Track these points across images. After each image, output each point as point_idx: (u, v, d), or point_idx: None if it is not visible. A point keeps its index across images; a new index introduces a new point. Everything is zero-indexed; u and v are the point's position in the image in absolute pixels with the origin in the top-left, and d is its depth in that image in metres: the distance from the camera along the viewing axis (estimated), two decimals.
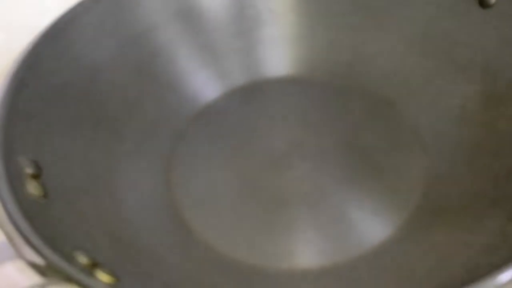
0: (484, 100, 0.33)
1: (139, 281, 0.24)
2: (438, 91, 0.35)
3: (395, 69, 0.37)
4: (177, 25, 0.38)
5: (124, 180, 0.33)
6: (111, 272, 0.23)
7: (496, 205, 0.27)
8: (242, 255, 0.31)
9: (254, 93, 0.39)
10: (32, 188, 0.27)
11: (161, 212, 0.33)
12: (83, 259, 0.24)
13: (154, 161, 0.35)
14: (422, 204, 0.31)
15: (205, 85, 0.39)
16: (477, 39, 0.34)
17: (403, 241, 0.30)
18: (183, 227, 0.33)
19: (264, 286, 0.30)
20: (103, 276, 0.23)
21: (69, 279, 0.21)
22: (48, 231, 0.24)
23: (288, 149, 0.36)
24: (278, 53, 0.40)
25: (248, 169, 0.36)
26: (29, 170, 0.27)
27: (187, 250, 0.32)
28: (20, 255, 0.22)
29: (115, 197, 0.31)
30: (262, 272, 0.31)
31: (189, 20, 0.38)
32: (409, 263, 0.28)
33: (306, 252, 0.32)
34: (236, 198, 0.34)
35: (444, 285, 0.19)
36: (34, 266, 0.21)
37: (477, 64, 0.34)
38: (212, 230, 0.32)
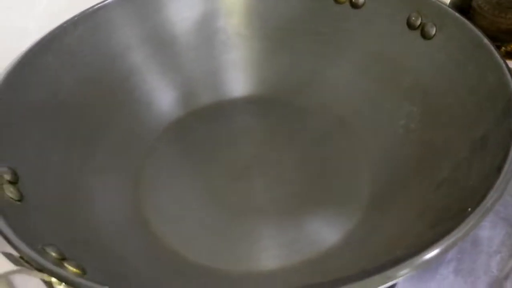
0: (424, 121, 0.36)
1: (106, 275, 0.27)
2: (386, 112, 0.39)
3: (349, 92, 0.41)
4: (149, 47, 0.41)
5: (95, 190, 0.35)
6: (78, 266, 0.26)
7: (422, 216, 0.31)
8: (206, 259, 0.34)
9: (219, 111, 0.43)
10: (9, 192, 0.29)
11: (130, 220, 0.36)
12: (53, 254, 0.26)
13: (124, 173, 0.38)
14: (365, 216, 0.35)
15: (174, 103, 0.42)
16: (420, 66, 0.37)
17: (346, 248, 0.33)
18: (150, 234, 0.35)
19: (222, 286, 0.33)
20: (71, 269, 0.26)
21: (39, 268, 0.24)
22: (22, 228, 0.26)
23: (250, 163, 0.39)
24: (244, 75, 0.44)
25: (212, 182, 0.38)
26: (7, 177, 0.30)
27: (154, 255, 0.34)
28: None
29: (85, 205, 0.34)
30: (224, 275, 0.33)
31: (161, 43, 0.42)
32: (348, 265, 0.31)
33: (263, 256, 0.34)
34: (201, 208, 0.37)
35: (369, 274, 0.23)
36: (9, 256, 0.24)
37: (419, 88, 0.37)
38: (178, 237, 0.35)
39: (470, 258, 0.36)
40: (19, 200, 0.29)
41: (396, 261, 0.24)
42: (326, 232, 0.35)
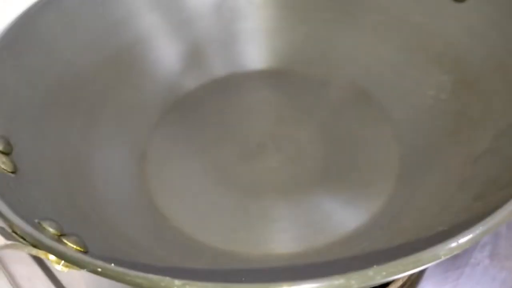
0: (456, 90, 0.33)
1: (109, 253, 0.24)
2: (412, 82, 0.36)
3: (370, 62, 0.38)
4: (156, 14, 0.38)
5: (97, 163, 0.32)
6: (79, 243, 0.23)
7: (462, 189, 0.28)
8: (215, 241, 0.31)
9: (231, 85, 0.39)
10: (2, 163, 0.26)
11: (134, 197, 0.33)
12: (50, 229, 0.23)
13: (128, 147, 0.35)
14: (395, 193, 0.32)
15: (182, 75, 0.39)
16: (449, 31, 0.34)
17: (375, 228, 0.30)
18: (156, 213, 0.32)
19: (238, 271, 0.30)
20: (71, 245, 0.22)
21: (35, 244, 0.21)
22: (16, 201, 0.23)
23: (264, 139, 0.36)
24: (256, 46, 0.40)
25: (224, 159, 0.36)
26: None
27: (160, 235, 0.31)
28: None
29: (87, 178, 0.31)
30: (236, 258, 0.30)
31: (168, 9, 0.38)
32: (378, 246, 0.28)
33: (280, 239, 0.31)
34: (211, 186, 0.34)
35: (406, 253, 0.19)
36: (1, 230, 0.21)
37: (449, 55, 0.34)
38: (186, 217, 0.32)
39: (506, 243, 0.33)
40: (13, 172, 0.26)
41: (437, 239, 0.21)
42: (351, 212, 0.32)
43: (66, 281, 0.34)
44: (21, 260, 0.34)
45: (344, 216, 0.32)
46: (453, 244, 0.19)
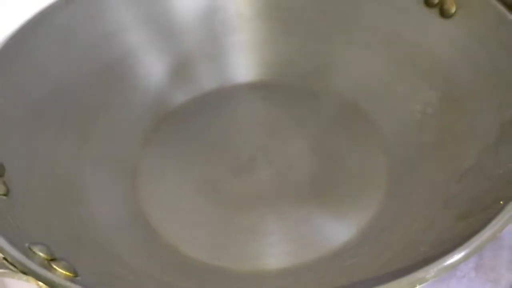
0: (443, 106, 0.33)
1: (100, 278, 0.24)
2: (401, 96, 0.36)
3: (360, 75, 0.38)
4: (145, 27, 0.38)
5: (89, 182, 0.33)
6: (69, 268, 0.23)
7: (446, 207, 0.28)
8: (207, 256, 0.31)
9: (222, 98, 0.40)
10: None
11: (126, 214, 0.33)
12: (40, 254, 0.23)
13: (120, 163, 0.35)
14: (382, 207, 0.32)
15: (173, 89, 0.39)
16: (437, 47, 0.35)
17: (363, 242, 0.31)
18: (148, 229, 0.33)
19: (228, 287, 0.30)
20: (61, 271, 0.23)
21: (24, 271, 0.21)
22: (7, 225, 0.24)
23: (255, 153, 0.37)
24: (247, 59, 0.41)
25: (215, 173, 0.36)
26: None
27: (152, 252, 0.31)
28: None
29: (79, 198, 0.31)
30: (227, 273, 0.31)
31: (158, 22, 0.39)
32: (366, 261, 0.28)
33: (270, 254, 0.32)
34: (202, 201, 0.34)
35: (396, 276, 0.20)
36: None
37: (438, 71, 0.34)
38: (177, 233, 0.32)
39: (491, 254, 0.34)
40: (4, 195, 0.26)
41: (424, 261, 0.21)
42: (340, 226, 0.32)
43: None
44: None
45: (333, 230, 0.32)
46: (438, 267, 0.20)
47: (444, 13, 0.34)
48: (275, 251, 0.32)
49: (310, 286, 0.29)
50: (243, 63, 0.41)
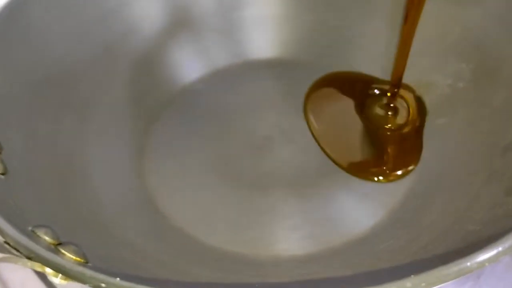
0: (475, 78, 0.31)
1: (112, 265, 0.22)
2: (427, 70, 0.34)
3: (381, 51, 0.36)
4: (154, 1, 0.35)
5: (93, 161, 0.30)
6: (79, 253, 0.21)
7: (491, 181, 0.26)
8: (222, 242, 0.29)
9: (234, 76, 0.37)
10: None
11: (134, 196, 0.31)
12: (46, 238, 0.21)
13: (126, 143, 0.33)
14: (414, 186, 0.30)
15: (183, 65, 0.37)
16: (469, 15, 0.32)
17: (395, 225, 0.28)
18: (157, 212, 0.31)
19: (246, 274, 0.28)
20: (70, 256, 0.20)
21: (30, 256, 0.18)
22: (7, 207, 0.21)
23: (270, 132, 0.34)
24: (260, 35, 0.38)
25: (228, 153, 0.34)
26: None
27: (163, 238, 0.29)
28: None
29: (83, 178, 0.29)
30: (243, 260, 0.29)
31: None
32: (400, 245, 0.26)
33: (291, 238, 0.30)
34: (215, 182, 0.32)
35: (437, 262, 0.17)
36: None
37: (467, 42, 0.32)
38: (188, 216, 0.30)
39: None
40: (2, 174, 0.24)
41: (474, 243, 0.19)
42: (366, 209, 0.30)
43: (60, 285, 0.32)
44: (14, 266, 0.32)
45: (360, 212, 0.30)
46: (494, 252, 0.17)
47: None
48: (297, 236, 0.30)
49: (336, 273, 0.27)
50: (257, 39, 0.38)
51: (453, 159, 0.29)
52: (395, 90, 0.34)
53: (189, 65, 0.37)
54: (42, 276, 0.32)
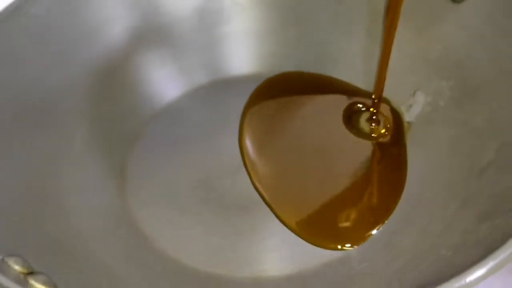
0: (456, 97, 0.31)
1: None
2: (409, 87, 0.33)
3: (365, 66, 0.36)
4: (132, 20, 0.35)
5: (71, 184, 0.30)
6: (49, 283, 0.21)
7: (466, 205, 0.26)
8: (201, 263, 0.29)
9: (216, 92, 0.37)
10: None
11: (113, 218, 0.31)
12: (16, 267, 0.21)
13: (106, 164, 0.33)
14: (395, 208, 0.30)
15: (165, 83, 0.37)
16: (448, 34, 0.32)
17: (378, 242, 0.28)
18: (138, 235, 0.30)
19: None
20: (39, 286, 0.20)
21: None
22: None
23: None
24: (242, 50, 0.38)
25: (209, 173, 0.33)
26: None
27: (143, 261, 0.29)
28: None
29: (59, 202, 0.28)
30: (224, 280, 0.28)
31: (146, 13, 0.36)
32: (377, 268, 0.26)
33: (270, 260, 0.30)
34: (195, 204, 0.32)
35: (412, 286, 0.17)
36: None
37: (448, 60, 0.32)
38: (168, 238, 0.30)
39: None
40: None
41: (444, 267, 0.19)
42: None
43: None
44: None
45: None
46: (460, 283, 0.17)
47: None
48: (276, 256, 0.30)
49: None
50: (239, 55, 0.38)
51: (432, 182, 0.29)
52: (377, 102, 0.34)
53: (171, 83, 0.37)
54: None
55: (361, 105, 0.35)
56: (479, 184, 0.26)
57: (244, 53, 0.38)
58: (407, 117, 0.34)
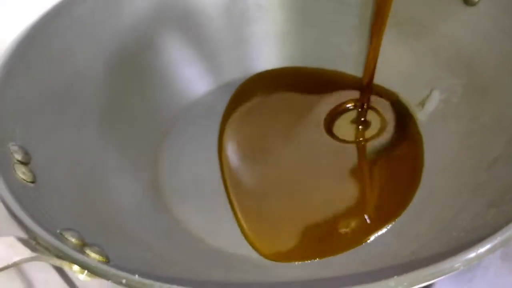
0: (468, 94, 0.33)
1: (130, 263, 0.24)
2: (423, 85, 0.36)
3: (381, 65, 0.38)
4: (164, 20, 0.38)
5: (112, 172, 0.33)
6: (101, 253, 0.23)
7: (477, 194, 0.28)
8: (231, 245, 0.31)
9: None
10: (22, 173, 0.26)
11: (149, 203, 0.33)
12: (72, 240, 0.23)
13: (141, 154, 0.35)
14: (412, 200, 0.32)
15: (194, 79, 0.39)
16: (461, 35, 0.34)
17: (388, 234, 0.30)
18: (171, 218, 0.33)
19: (253, 274, 0.30)
20: (94, 256, 0.23)
21: (60, 255, 0.21)
22: (37, 212, 0.23)
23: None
24: (266, 49, 0.41)
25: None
26: (18, 156, 0.27)
27: (175, 241, 0.31)
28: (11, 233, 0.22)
29: (103, 187, 0.31)
30: (249, 261, 0.31)
31: (177, 14, 0.38)
32: (392, 251, 0.28)
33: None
34: (222, 190, 0.34)
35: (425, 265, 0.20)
36: (25, 242, 0.21)
37: (460, 59, 0.34)
38: (200, 222, 0.32)
39: None
40: (32, 182, 0.26)
41: (456, 248, 0.21)
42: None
43: (81, 284, 0.34)
44: (38, 266, 0.35)
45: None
46: (472, 255, 0.19)
47: (468, 1, 0.34)
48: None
49: (333, 274, 0.29)
50: (263, 54, 0.40)
51: (444, 173, 0.31)
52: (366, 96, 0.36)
53: (201, 79, 0.39)
54: (64, 276, 0.35)
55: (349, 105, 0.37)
56: (488, 175, 0.28)
57: (268, 52, 0.41)
58: (420, 114, 0.36)
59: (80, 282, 0.34)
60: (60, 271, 0.35)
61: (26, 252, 0.20)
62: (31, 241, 0.21)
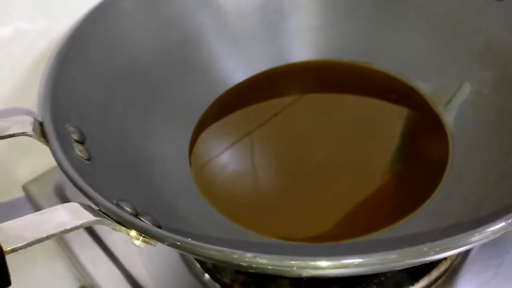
0: (498, 85, 0.34)
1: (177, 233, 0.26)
2: (454, 77, 0.37)
3: (413, 58, 0.39)
4: (204, 14, 0.40)
5: (154, 154, 0.35)
6: (154, 222, 0.25)
7: (504, 179, 0.29)
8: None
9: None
10: (79, 151, 0.29)
11: (187, 184, 0.35)
12: (127, 209, 0.26)
13: (180, 138, 0.37)
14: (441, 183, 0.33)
15: (231, 70, 0.41)
16: (491, 29, 0.35)
17: (419, 217, 0.31)
18: (205, 202, 0.34)
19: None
20: (148, 223, 0.25)
21: (119, 221, 0.23)
22: (96, 185, 0.26)
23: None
24: (301, 44, 0.42)
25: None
26: (75, 136, 0.29)
27: (210, 218, 0.33)
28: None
29: (147, 167, 0.33)
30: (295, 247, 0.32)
31: (217, 9, 0.40)
32: (423, 232, 0.30)
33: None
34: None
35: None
36: (88, 208, 0.23)
37: (491, 52, 0.35)
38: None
39: None
40: (88, 159, 0.29)
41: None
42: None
43: (125, 261, 0.36)
44: (84, 244, 0.37)
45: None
46: (503, 224, 0.21)
47: None
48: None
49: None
50: (298, 48, 0.42)
51: (473, 160, 0.32)
52: None
53: (237, 70, 0.41)
54: (108, 253, 0.37)
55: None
56: None
57: (302, 46, 0.42)
58: (450, 105, 0.37)
59: (123, 258, 0.36)
60: (105, 249, 0.37)
61: (89, 216, 0.22)
62: (94, 207, 0.23)
